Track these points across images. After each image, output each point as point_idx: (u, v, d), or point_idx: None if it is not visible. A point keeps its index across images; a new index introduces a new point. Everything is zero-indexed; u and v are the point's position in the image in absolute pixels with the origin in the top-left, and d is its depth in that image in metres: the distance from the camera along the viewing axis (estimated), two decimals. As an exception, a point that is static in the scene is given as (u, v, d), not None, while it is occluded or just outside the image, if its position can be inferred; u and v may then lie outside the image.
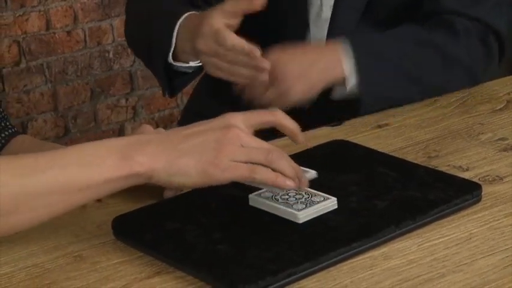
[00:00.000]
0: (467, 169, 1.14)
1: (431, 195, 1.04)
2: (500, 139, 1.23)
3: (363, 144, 1.21)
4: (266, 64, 1.26)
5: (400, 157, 1.17)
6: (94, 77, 3.04)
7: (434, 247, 0.96)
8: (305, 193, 1.03)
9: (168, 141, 0.98)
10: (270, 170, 0.97)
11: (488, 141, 1.23)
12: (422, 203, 1.02)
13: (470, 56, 1.41)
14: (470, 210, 1.03)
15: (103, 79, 3.06)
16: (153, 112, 3.17)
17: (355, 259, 0.94)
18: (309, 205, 1.01)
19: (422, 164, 1.14)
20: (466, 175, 1.12)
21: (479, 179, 1.11)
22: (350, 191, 1.06)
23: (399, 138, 1.26)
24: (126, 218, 1.03)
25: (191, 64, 1.39)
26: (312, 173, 1.04)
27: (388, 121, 1.33)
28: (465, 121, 1.31)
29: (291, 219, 1.00)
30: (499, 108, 1.36)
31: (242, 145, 0.97)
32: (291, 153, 1.16)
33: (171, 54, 1.37)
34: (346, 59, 1.34)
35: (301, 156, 1.15)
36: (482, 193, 1.05)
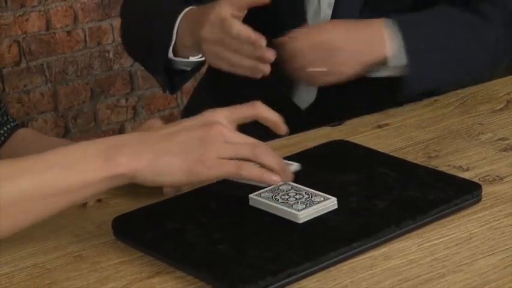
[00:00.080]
0: (467, 169, 1.14)
1: (431, 195, 1.04)
2: (500, 139, 1.23)
3: (363, 144, 1.21)
4: (271, 55, 1.25)
5: (400, 157, 1.17)
6: (94, 77, 3.04)
7: (434, 247, 0.96)
8: (305, 193, 1.03)
9: (150, 140, 0.97)
10: (256, 166, 0.97)
11: (488, 141, 1.23)
12: (422, 203, 1.02)
13: (505, 44, 1.42)
14: (470, 210, 1.03)
15: (103, 79, 3.06)
16: (153, 112, 3.17)
17: (355, 259, 0.94)
18: (309, 205, 1.00)
19: (422, 164, 1.14)
20: (466, 175, 1.12)
21: (479, 179, 1.11)
22: (350, 191, 1.06)
23: (399, 138, 1.26)
24: (126, 218, 1.03)
25: (191, 59, 1.38)
26: (295, 165, 1.04)
27: (388, 121, 1.33)
28: (465, 121, 1.31)
29: (291, 219, 0.99)
30: (499, 108, 1.36)
31: (226, 141, 0.96)
32: (291, 153, 1.16)
33: (171, 49, 1.37)
34: (391, 38, 1.33)
35: (301, 156, 1.15)
36: (482, 193, 1.05)
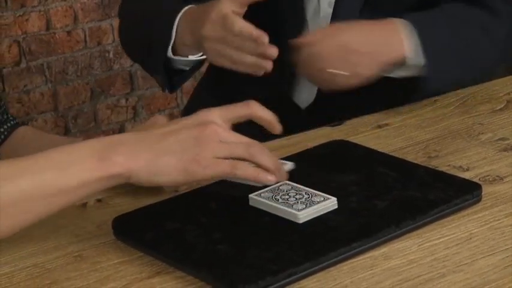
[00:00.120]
0: (467, 169, 1.14)
1: (431, 195, 1.04)
2: (500, 139, 1.23)
3: (363, 144, 1.21)
4: (274, 51, 1.24)
5: (400, 157, 1.17)
6: (94, 77, 3.04)
7: (434, 247, 0.96)
8: (305, 193, 1.03)
9: (146, 140, 0.97)
10: (251, 166, 0.97)
11: (488, 141, 1.23)
12: (422, 203, 1.02)
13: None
14: (470, 210, 1.03)
15: (103, 79, 3.06)
16: (153, 112, 3.17)
17: (355, 259, 0.94)
18: (309, 205, 1.00)
19: (422, 164, 1.14)
20: (466, 175, 1.12)
21: (479, 179, 1.11)
22: (350, 191, 1.06)
23: (399, 138, 1.26)
24: (126, 218, 1.03)
25: (190, 58, 1.38)
26: (290, 165, 1.04)
27: (388, 121, 1.32)
28: (465, 121, 1.31)
29: (291, 219, 0.99)
30: (499, 108, 1.36)
31: (221, 140, 0.96)
32: (291, 153, 1.16)
33: (170, 48, 1.37)
34: (408, 39, 1.33)
35: (301, 156, 1.15)
36: (482, 193, 1.05)
